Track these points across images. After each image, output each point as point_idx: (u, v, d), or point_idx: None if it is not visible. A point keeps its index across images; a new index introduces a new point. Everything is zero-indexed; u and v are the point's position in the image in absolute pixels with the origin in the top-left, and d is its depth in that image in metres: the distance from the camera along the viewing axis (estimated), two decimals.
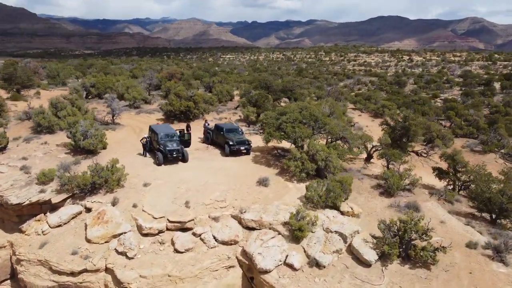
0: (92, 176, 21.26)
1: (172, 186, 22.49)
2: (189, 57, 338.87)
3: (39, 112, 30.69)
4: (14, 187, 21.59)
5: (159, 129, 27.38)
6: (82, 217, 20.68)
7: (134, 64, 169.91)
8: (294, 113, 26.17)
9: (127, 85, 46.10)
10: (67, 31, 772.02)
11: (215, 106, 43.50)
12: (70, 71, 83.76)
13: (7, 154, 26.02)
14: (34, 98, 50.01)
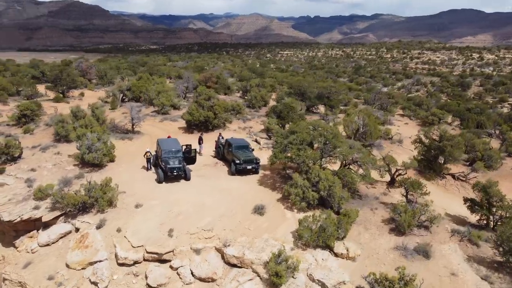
0: (82, 195, 20.89)
1: (164, 208, 21.57)
2: (247, 53, 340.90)
3: (58, 120, 31.32)
4: (11, 202, 21.89)
5: (164, 144, 26.63)
6: (71, 237, 20.42)
7: (189, 61, 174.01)
8: (303, 133, 24.11)
9: (159, 90, 46.24)
10: (135, 27, 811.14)
11: (243, 114, 42.22)
12: (120, 70, 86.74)
13: (20, 164, 26.66)
14: (76, 100, 52.01)
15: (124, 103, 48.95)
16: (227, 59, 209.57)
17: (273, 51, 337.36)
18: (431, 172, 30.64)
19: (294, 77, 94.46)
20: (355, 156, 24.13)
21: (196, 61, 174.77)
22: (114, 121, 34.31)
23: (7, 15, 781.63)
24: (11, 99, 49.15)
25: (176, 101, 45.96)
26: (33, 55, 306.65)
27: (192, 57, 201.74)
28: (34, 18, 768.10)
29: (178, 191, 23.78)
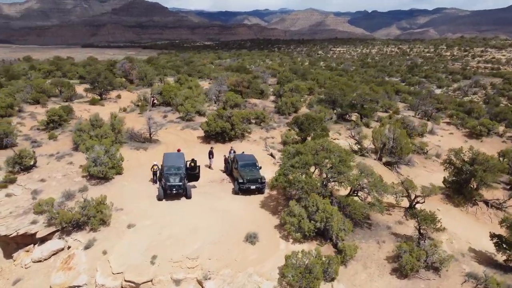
0: (76, 213, 20.84)
1: (155, 230, 20.98)
2: (299, 49, 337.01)
3: (77, 128, 31.92)
4: (12, 215, 22.38)
5: (168, 160, 26.12)
6: (63, 254, 20.43)
7: (237, 59, 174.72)
8: (307, 155, 22.42)
9: (187, 95, 46.11)
10: (192, 23, 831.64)
11: (267, 122, 40.91)
12: (163, 70, 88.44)
13: (32, 174, 27.42)
14: (111, 102, 53.37)
15: (155, 107, 49.48)
16: (276, 57, 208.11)
17: (326, 47, 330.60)
18: (461, 198, 27.64)
19: (340, 78, 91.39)
20: (364, 182, 22.09)
21: (244, 59, 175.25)
22: (132, 129, 34.39)
23: (75, 12, 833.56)
24: (51, 100, 51.38)
25: (204, 107, 45.53)
26: (95, 51, 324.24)
27: (241, 55, 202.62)
28: (99, 15, 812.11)
29: (176, 210, 23.13)
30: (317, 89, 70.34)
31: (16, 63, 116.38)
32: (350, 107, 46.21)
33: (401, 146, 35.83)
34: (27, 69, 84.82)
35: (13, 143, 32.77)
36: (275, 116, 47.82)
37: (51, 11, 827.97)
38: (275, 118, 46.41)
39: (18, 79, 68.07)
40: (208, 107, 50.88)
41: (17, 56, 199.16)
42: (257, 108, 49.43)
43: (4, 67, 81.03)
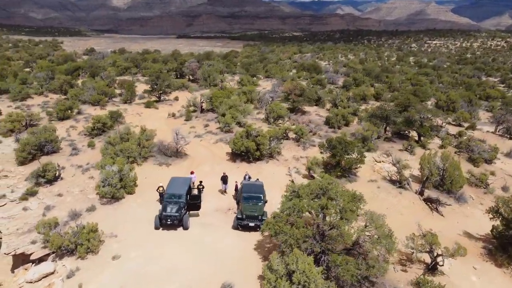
0: (66, 239, 21.19)
1: (138, 264, 20.54)
2: (390, 41, 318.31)
3: (106, 141, 32.86)
4: (17, 232, 23.59)
5: (171, 186, 25.48)
6: (52, 278, 20.94)
7: (318, 53, 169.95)
8: (302, 201, 20.06)
9: (231, 104, 45.29)
10: (284, 13, 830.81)
11: (306, 139, 38.40)
12: (233, 68, 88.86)
13: (53, 187, 28.78)
14: (167, 105, 54.74)
15: (204, 113, 49.58)
16: (361, 51, 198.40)
17: (420, 40, 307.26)
18: (506, 257, 22.92)
19: (422, 79, 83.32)
20: (364, 237, 19.18)
21: (325, 53, 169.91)
22: (162, 143, 34.47)
23: (175, 3, 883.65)
24: (112, 101, 54.27)
25: (245, 118, 44.29)
26: (186, 42, 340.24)
27: (324, 49, 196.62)
28: (195, 6, 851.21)
29: (167, 242, 22.47)
30: (388, 94, 64.72)
31: (108, 56, 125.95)
32: (407, 124, 41.47)
33: (453, 179, 31.26)
34: (108, 64, 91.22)
35: (55, 150, 34.91)
36: (323, 129, 44.96)
37: (154, 3, 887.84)
38: (321, 132, 43.58)
39: (98, 74, 73.54)
40: (258, 114, 49.69)
41: (117, 46, 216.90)
42: (306, 118, 46.93)
43: (89, 63, 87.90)
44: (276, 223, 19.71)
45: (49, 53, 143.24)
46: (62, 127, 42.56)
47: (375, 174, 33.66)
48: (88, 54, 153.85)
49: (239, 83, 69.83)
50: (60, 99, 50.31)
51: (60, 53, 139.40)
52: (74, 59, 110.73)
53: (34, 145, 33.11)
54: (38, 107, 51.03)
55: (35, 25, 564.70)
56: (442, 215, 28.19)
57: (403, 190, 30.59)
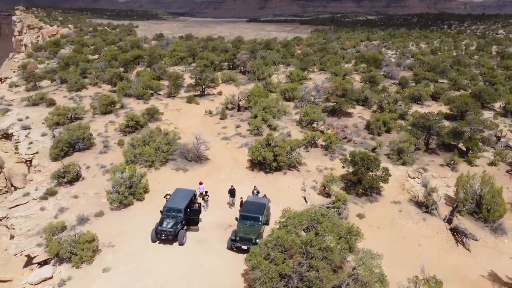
0: (61, 247, 22.02)
1: (124, 280, 20.85)
2: (474, 27, 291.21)
3: (130, 143, 33.61)
4: (28, 233, 25.03)
5: (172, 198, 25.37)
6: (48, 283, 22.00)
7: (387, 41, 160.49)
8: (287, 236, 18.72)
9: (264, 105, 44.13)
10: None
11: (333, 148, 36.26)
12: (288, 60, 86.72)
13: (72, 188, 30.10)
14: (208, 100, 54.96)
15: (241, 111, 48.99)
16: (436, 38, 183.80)
17: (510, 26, 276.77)
18: None
19: (499, 72, 74.90)
20: (348, 281, 17.52)
21: (394, 41, 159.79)
22: (184, 146, 34.50)
23: None
24: (155, 96, 55.56)
25: (276, 121, 42.92)
26: (255, 26, 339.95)
27: (394, 36, 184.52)
28: None
29: (159, 258, 22.51)
30: (450, 94, 58.95)
31: (172, 43, 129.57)
32: (454, 135, 37.45)
33: (491, 206, 27.73)
34: (169, 52, 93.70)
35: (87, 147, 36.56)
36: (361, 135, 42.30)
37: None
38: (358, 138, 41.01)
39: (156, 63, 76.09)
40: (296, 115, 47.99)
41: (187, 31, 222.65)
42: (343, 123, 44.39)
43: (149, 51, 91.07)
44: (255, 256, 18.69)
45: (122, 38, 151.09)
46: (102, 122, 44.52)
47: (403, 193, 30.90)
48: (157, 40, 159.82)
49: (288, 77, 68.02)
50: (105, 93, 52.35)
51: (131, 38, 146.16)
52: (141, 45, 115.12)
53: (66, 142, 34.90)
54: (89, 99, 53.74)
55: (117, 8, 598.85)
56: (469, 250, 25.11)
57: (429, 215, 27.76)
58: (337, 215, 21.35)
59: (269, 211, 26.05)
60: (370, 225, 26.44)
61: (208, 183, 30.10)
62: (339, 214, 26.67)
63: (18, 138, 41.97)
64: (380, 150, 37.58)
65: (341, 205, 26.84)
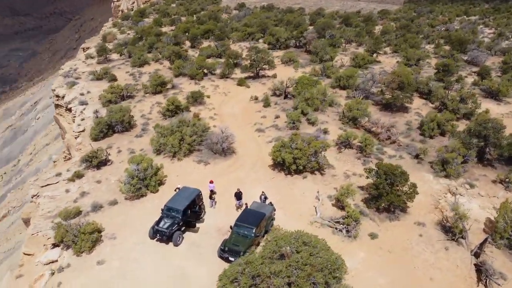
0: (64, 235, 23.55)
1: (112, 275, 21.84)
2: None
3: (157, 131, 34.28)
4: (47, 214, 27.06)
5: (174, 198, 25.47)
6: (50, 266, 23.75)
7: (484, 18, 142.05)
8: (255, 264, 17.76)
9: (307, 96, 41.91)
10: None
11: (370, 149, 33.48)
12: (363, 38, 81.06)
13: (98, 172, 31.62)
14: (260, 84, 53.88)
15: (288, 99, 47.34)
16: None
17: None
18: None
19: None
20: None
21: (495, 17, 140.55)
22: (212, 136, 34.23)
23: None
24: (208, 77, 55.67)
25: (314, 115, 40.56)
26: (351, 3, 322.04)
27: (499, 10, 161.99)
28: None
29: (150, 257, 23.05)
30: None
31: (249, 15, 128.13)
32: None
33: None
34: (241, 26, 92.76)
35: (126, 129, 38.20)
36: (411, 136, 38.46)
37: None
38: (406, 139, 37.36)
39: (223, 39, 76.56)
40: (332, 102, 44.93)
41: (270, 1, 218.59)
42: (391, 120, 40.69)
43: (219, 26, 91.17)
44: (224, 277, 18.14)
45: (204, 7, 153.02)
46: (150, 102, 46.04)
47: (434, 212, 27.65)
48: (238, 10, 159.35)
49: (353, 60, 63.78)
50: (156, 73, 53.62)
51: (213, 8, 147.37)
52: (219, 16, 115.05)
53: (105, 123, 36.78)
54: (147, 76, 55.74)
55: None
56: None
57: (454, 244, 24.60)
58: (324, 243, 19.66)
59: (271, 221, 25.07)
60: (381, 247, 24.26)
61: (224, 181, 29.85)
62: (347, 232, 24.93)
63: (75, 113, 45.27)
64: (424, 157, 33.96)
65: (351, 222, 24.88)
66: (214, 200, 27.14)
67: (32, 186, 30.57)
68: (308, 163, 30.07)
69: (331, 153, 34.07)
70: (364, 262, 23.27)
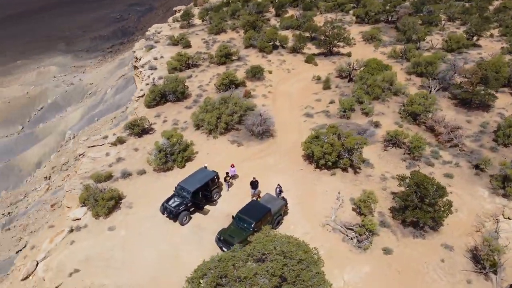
0: (86, 197, 25.51)
1: (115, 243, 23.34)
2: None
3: (201, 106, 34.60)
4: (83, 175, 29.33)
5: (189, 178, 25.72)
6: (76, 223, 26.01)
7: None
8: (227, 264, 17.30)
9: (371, 82, 38.43)
10: None
11: (419, 152, 29.97)
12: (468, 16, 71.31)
13: (139, 140, 33.20)
14: (330, 62, 51.06)
15: (352, 82, 44.20)
16: None
17: None
18: None
19: None
20: None
21: None
22: (254, 116, 33.48)
23: None
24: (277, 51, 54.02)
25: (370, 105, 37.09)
26: None
27: None
28: None
29: (153, 232, 23.98)
30: None
31: None
32: None
33: None
34: None
35: (179, 99, 39.32)
36: (482, 140, 33.46)
37: None
38: (473, 144, 32.65)
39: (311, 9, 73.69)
40: None
41: None
42: (474, 117, 35.86)
43: None
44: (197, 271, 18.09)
45: None
46: (211, 73, 46.48)
47: (474, 236, 24.07)
48: None
49: (445, 43, 56.65)
50: (223, 43, 53.40)
51: None
52: None
53: (159, 92, 38.24)
54: (219, 44, 56.05)
55: None
56: None
57: (480, 278, 21.33)
58: (310, 255, 18.27)
59: (278, 217, 24.10)
60: (391, 265, 22.02)
61: (250, 165, 29.43)
62: (358, 242, 23.04)
63: (143, 77, 47.82)
64: (486, 169, 29.47)
65: (364, 232, 22.87)
66: (229, 183, 26.97)
67: (81, 145, 33.43)
68: (339, 160, 27.97)
69: (375, 150, 31.34)
70: (367, 277, 21.40)
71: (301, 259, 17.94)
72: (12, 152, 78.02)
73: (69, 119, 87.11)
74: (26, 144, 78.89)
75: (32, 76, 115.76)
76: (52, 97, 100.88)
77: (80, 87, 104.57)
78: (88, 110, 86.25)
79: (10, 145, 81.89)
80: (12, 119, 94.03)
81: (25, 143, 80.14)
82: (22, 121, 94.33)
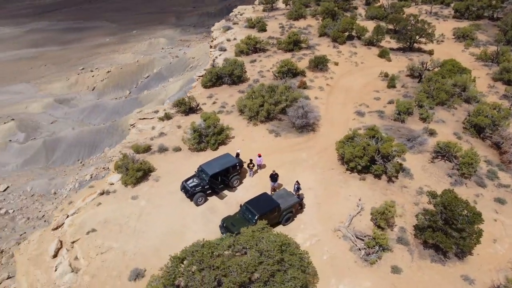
0: (121, 163, 27.47)
1: (134, 212, 24.78)
2: None
3: (248, 92, 34.63)
4: (125, 144, 31.45)
5: (213, 161, 26.15)
6: (110, 188, 28.18)
7: None
8: (205, 251, 17.46)
9: (438, 85, 34.89)
10: None
11: (469, 170, 26.78)
12: None
13: (184, 118, 34.24)
14: (407, 58, 47.66)
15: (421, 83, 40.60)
16: None
17: None
18: None
19: None
20: None
21: None
22: (298, 109, 32.67)
23: None
24: (350, 42, 51.55)
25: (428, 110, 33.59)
26: None
27: None
28: None
29: (169, 210, 24.91)
30: None
31: None
32: None
33: None
34: None
35: (234, 82, 39.85)
36: None
37: None
38: None
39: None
40: None
41: None
42: None
43: None
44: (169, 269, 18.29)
45: None
46: (276, 59, 45.98)
47: (503, 269, 21.10)
48: None
49: None
50: (293, 30, 52.02)
51: None
52: None
53: (215, 74, 39.16)
54: (295, 31, 55.11)
55: None
56: None
57: None
58: (296, 259, 17.57)
59: (288, 214, 23.45)
60: (395, 285, 20.28)
61: (280, 157, 28.96)
62: (366, 255, 21.61)
63: (212, 57, 49.24)
64: None
65: (374, 245, 21.36)
66: (252, 170, 26.93)
67: (133, 116, 35.83)
68: (371, 165, 26.17)
69: (420, 160, 28.77)
70: None
71: (281, 260, 17.48)
72: (118, 114, 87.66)
73: (169, 89, 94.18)
74: (131, 107, 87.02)
75: (144, 46, 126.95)
76: (158, 67, 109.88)
77: (183, 60, 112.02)
78: (188, 82, 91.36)
79: (118, 107, 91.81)
80: (122, 84, 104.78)
81: (130, 106, 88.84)
82: (130, 86, 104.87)
